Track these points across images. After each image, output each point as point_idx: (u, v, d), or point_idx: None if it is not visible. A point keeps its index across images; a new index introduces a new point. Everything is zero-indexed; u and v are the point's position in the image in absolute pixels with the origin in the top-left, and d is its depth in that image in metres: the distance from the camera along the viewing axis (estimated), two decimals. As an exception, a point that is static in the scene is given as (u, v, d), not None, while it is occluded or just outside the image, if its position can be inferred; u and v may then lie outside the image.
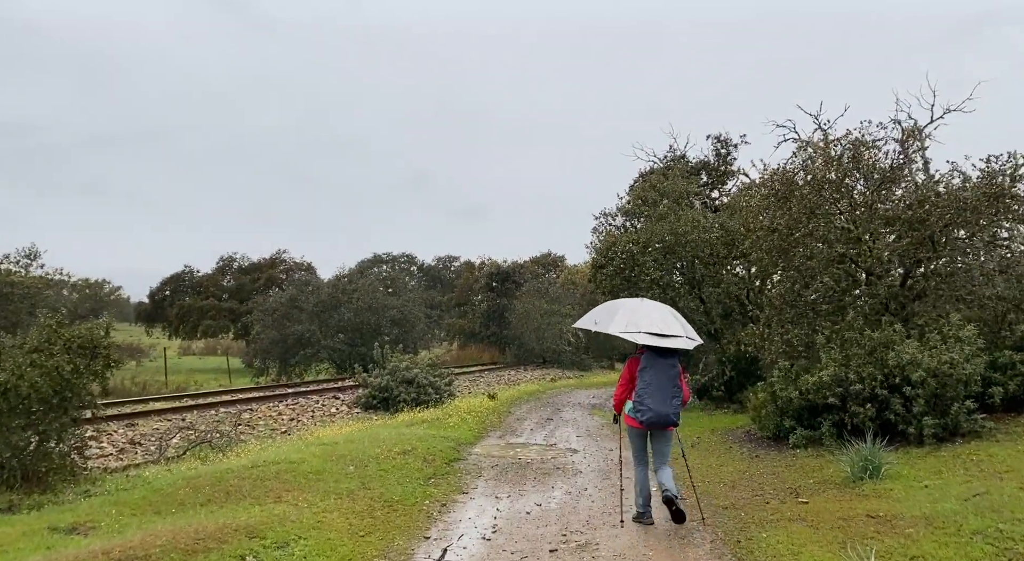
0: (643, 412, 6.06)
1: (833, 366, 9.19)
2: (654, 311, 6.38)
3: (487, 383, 22.49)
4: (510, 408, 14.68)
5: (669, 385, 6.08)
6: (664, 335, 6.03)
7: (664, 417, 6.06)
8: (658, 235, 15.11)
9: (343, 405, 14.87)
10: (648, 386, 6.06)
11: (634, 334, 6.07)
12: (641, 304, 6.61)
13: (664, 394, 6.06)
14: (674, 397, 6.10)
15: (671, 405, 6.08)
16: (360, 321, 22.85)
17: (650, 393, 6.05)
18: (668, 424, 6.15)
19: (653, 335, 6.01)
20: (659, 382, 6.06)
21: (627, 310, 6.45)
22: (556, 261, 51.74)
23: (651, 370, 6.08)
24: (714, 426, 12.39)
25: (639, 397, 6.11)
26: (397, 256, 66.61)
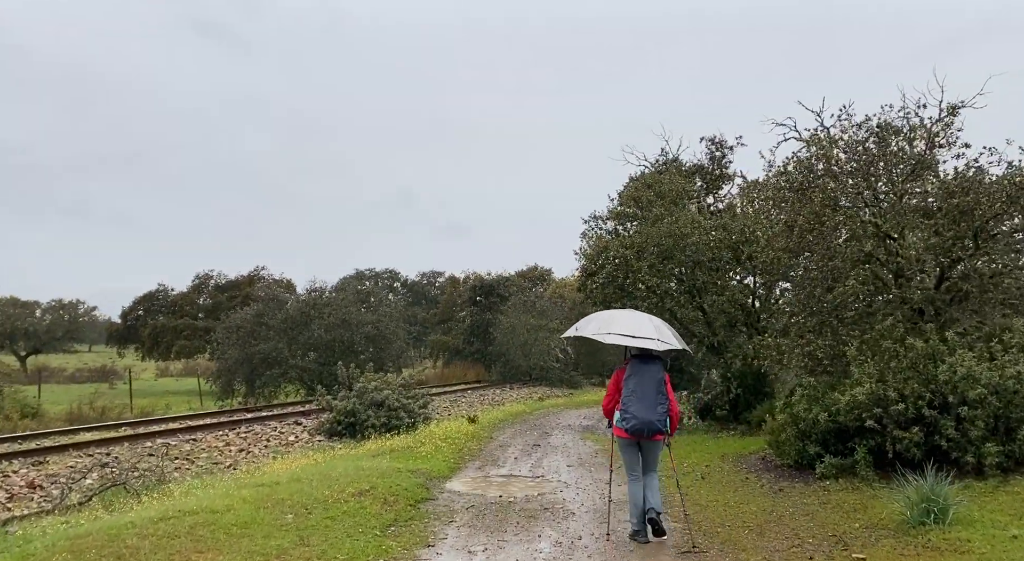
0: (628, 419, 6.11)
1: (868, 382, 7.87)
2: (630, 317, 6.68)
3: (469, 403, 21.03)
4: (492, 433, 13.24)
5: (653, 392, 6.14)
6: (634, 336, 6.18)
7: (649, 424, 6.08)
8: (654, 238, 13.83)
9: (304, 432, 13.38)
10: (632, 394, 6.14)
11: (604, 335, 6.37)
12: (620, 312, 7.23)
13: (649, 401, 6.11)
14: (659, 404, 6.14)
15: (656, 412, 6.11)
16: (332, 338, 21.36)
17: (634, 401, 6.11)
18: (654, 432, 6.16)
19: (623, 335, 6.21)
20: (643, 389, 6.13)
21: (605, 316, 6.88)
22: (543, 274, 50.43)
23: (635, 377, 6.19)
24: (723, 451, 11.03)
25: (624, 405, 6.17)
26: (380, 272, 65.22)
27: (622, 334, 6.28)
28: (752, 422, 13.57)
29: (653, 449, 6.34)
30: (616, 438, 6.43)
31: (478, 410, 19.38)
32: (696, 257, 13.90)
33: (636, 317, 6.69)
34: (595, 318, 6.93)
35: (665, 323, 6.86)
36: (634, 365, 6.28)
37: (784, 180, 9.91)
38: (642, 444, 6.27)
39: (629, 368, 6.30)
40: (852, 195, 9.23)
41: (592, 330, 6.60)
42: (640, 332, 6.27)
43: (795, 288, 10.25)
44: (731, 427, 14.08)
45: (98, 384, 40.49)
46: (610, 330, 6.41)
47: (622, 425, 6.20)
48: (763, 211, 10.33)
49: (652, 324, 6.51)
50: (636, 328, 6.32)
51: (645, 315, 6.90)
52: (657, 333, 6.34)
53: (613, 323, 6.54)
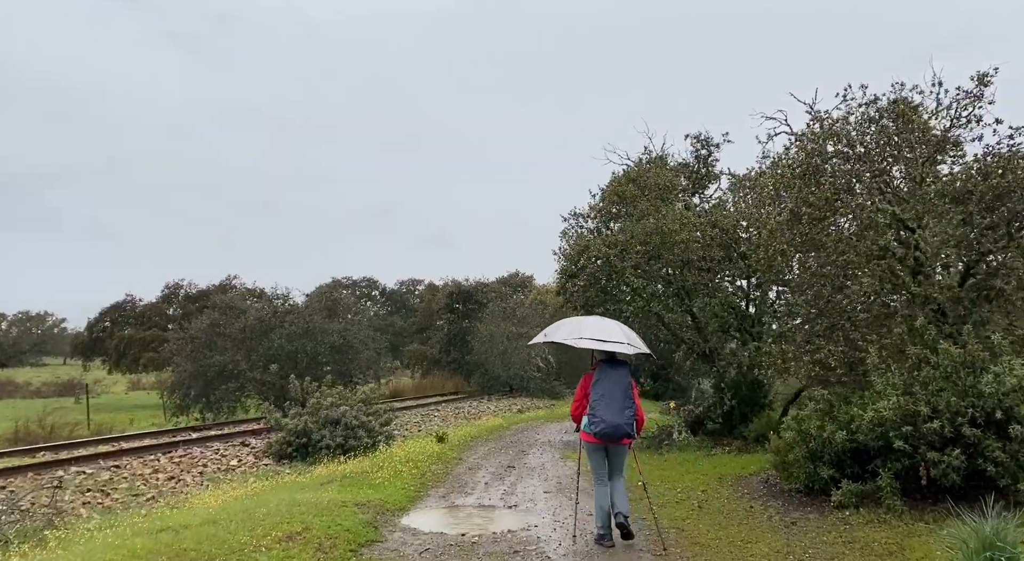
0: (596, 423, 6.24)
1: (894, 395, 6.74)
2: (599, 322, 6.84)
3: (443, 418, 19.73)
4: (463, 453, 11.98)
5: (621, 396, 6.29)
6: (605, 340, 6.37)
7: (617, 428, 6.22)
8: (639, 236, 12.69)
9: (250, 455, 12.03)
10: (601, 398, 6.28)
11: (575, 339, 6.50)
12: (588, 318, 7.32)
13: (616, 405, 6.25)
14: (626, 408, 6.28)
15: (624, 416, 6.24)
16: (294, 349, 19.97)
17: (603, 405, 6.26)
18: (622, 436, 6.30)
19: (594, 340, 6.37)
20: (611, 394, 6.27)
21: (574, 321, 7.11)
22: (525, 281, 49.19)
23: (603, 382, 6.34)
24: (720, 472, 9.87)
25: (592, 409, 6.30)
26: (357, 280, 63.70)
27: (593, 338, 6.43)
28: (749, 437, 12.45)
29: (620, 453, 6.51)
30: (584, 443, 6.59)
31: (452, 425, 18.11)
32: (685, 256, 12.78)
33: (604, 322, 6.88)
34: (564, 323, 7.11)
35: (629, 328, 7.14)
36: (602, 370, 6.43)
37: (788, 165, 8.79)
38: (609, 448, 6.44)
39: (597, 373, 6.43)
40: (868, 179, 8.13)
41: (562, 335, 6.75)
42: (610, 336, 6.44)
43: (798, 288, 9.12)
44: (725, 442, 12.95)
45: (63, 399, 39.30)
46: (581, 335, 6.53)
47: (591, 429, 6.33)
48: (762, 202, 9.19)
49: (620, 329, 6.72)
50: (606, 333, 6.49)
51: (612, 320, 7.13)
52: (625, 337, 6.55)
53: (583, 328, 6.68)
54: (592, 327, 6.66)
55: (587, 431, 6.39)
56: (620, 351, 6.44)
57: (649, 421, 19.15)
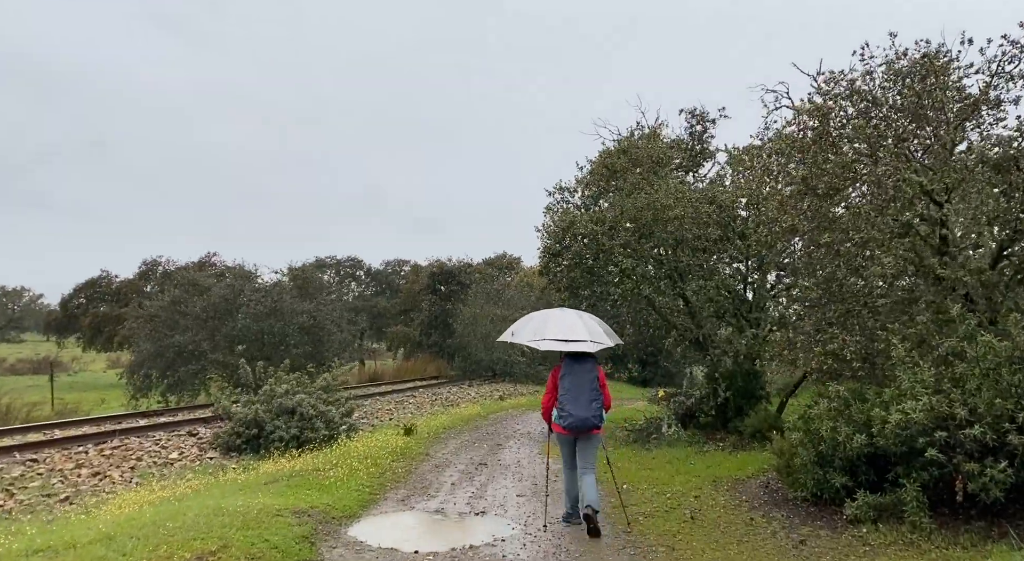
0: (565, 417, 6.45)
1: (925, 395, 5.77)
2: (563, 318, 6.92)
3: (418, 405, 18.73)
4: (431, 447, 10.98)
5: (588, 389, 6.46)
6: (568, 340, 6.51)
7: (585, 421, 6.41)
8: (629, 212, 11.67)
9: (195, 446, 10.97)
10: (568, 392, 6.47)
11: (538, 342, 6.69)
12: (551, 313, 7.24)
13: (584, 399, 6.44)
14: (593, 400, 6.45)
15: (591, 409, 6.44)
16: (260, 329, 18.86)
17: (570, 399, 6.45)
18: (590, 427, 6.48)
19: (556, 341, 6.53)
20: (578, 388, 6.46)
21: (539, 318, 7.09)
22: (512, 263, 48.14)
23: (570, 376, 6.51)
24: (714, 473, 8.92)
25: (561, 403, 6.51)
26: (342, 260, 62.51)
27: (556, 339, 6.58)
28: (745, 432, 11.52)
29: (590, 443, 6.65)
30: (556, 434, 6.79)
31: (426, 413, 17.12)
32: (679, 234, 11.77)
33: (568, 318, 6.95)
34: (530, 320, 7.17)
35: (596, 319, 7.26)
36: (568, 364, 6.58)
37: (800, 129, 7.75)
38: (579, 439, 6.61)
39: (564, 367, 6.59)
40: (891, 145, 7.11)
41: (527, 337, 6.89)
42: (573, 335, 6.58)
43: (807, 270, 8.12)
44: (719, 437, 12.03)
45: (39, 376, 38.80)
46: (544, 336, 6.68)
47: (560, 423, 6.56)
48: (769, 171, 8.16)
49: (583, 324, 6.80)
50: (569, 331, 6.63)
51: (575, 313, 7.20)
52: (589, 333, 6.68)
53: (547, 328, 6.77)
54: (555, 326, 6.76)
55: (557, 423, 6.64)
56: (583, 350, 6.54)
57: (636, 412, 18.21)
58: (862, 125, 6.99)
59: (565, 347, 6.55)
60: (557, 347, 6.60)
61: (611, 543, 6.16)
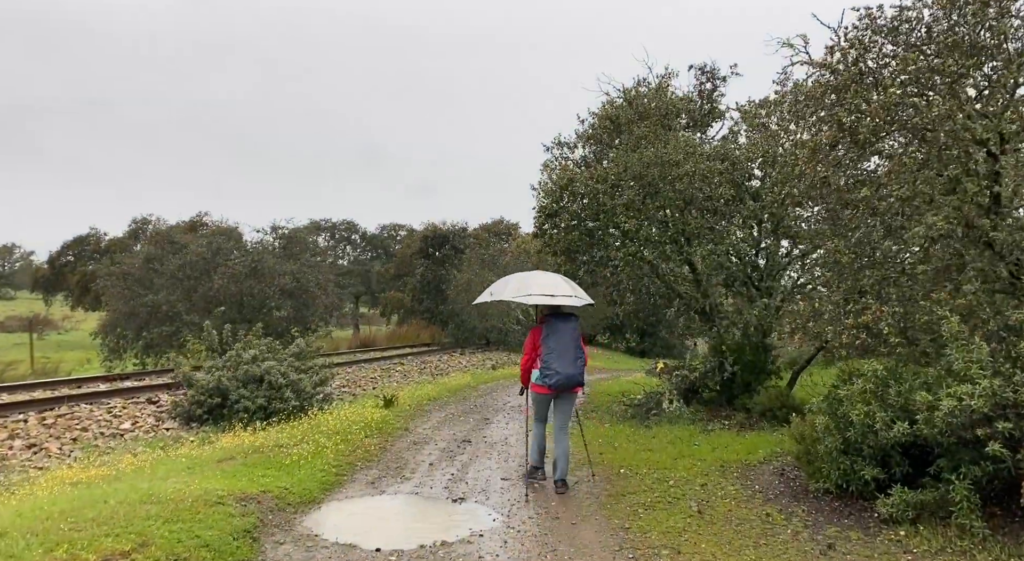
0: (550, 376, 6.55)
1: (985, 378, 4.87)
2: (544, 277, 7.16)
3: (404, 373, 17.90)
4: (411, 421, 10.14)
5: (572, 347, 6.61)
6: (554, 295, 6.66)
7: (571, 378, 6.59)
8: (634, 168, 10.66)
9: (152, 416, 10.12)
10: (552, 351, 6.57)
11: (524, 296, 6.81)
12: (531, 273, 7.48)
13: (569, 357, 6.57)
14: (578, 358, 6.64)
15: (576, 366, 6.62)
16: (240, 291, 17.93)
17: (556, 357, 6.55)
18: (575, 385, 6.68)
19: (543, 296, 6.66)
20: (563, 346, 6.57)
21: (519, 277, 7.19)
22: (510, 229, 47.07)
23: (554, 335, 6.61)
24: (722, 457, 8.08)
25: (546, 362, 6.58)
26: (337, 223, 61.49)
27: (543, 294, 6.66)
28: (753, 410, 10.70)
29: (570, 400, 6.82)
30: (533, 393, 6.81)
31: (412, 382, 16.30)
32: (688, 194, 10.79)
33: (549, 277, 7.11)
34: (511, 280, 7.15)
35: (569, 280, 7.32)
36: (550, 323, 6.67)
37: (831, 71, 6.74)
38: (560, 397, 6.74)
39: (546, 327, 6.66)
40: (940, 85, 6.12)
41: (511, 293, 6.87)
42: (558, 291, 6.70)
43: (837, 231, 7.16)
44: (724, 415, 11.21)
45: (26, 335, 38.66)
46: (530, 291, 6.75)
47: (544, 382, 6.60)
48: (800, 115, 7.17)
49: (565, 282, 6.95)
50: (554, 288, 6.74)
51: (556, 274, 7.40)
52: (572, 290, 6.82)
53: (531, 284, 6.85)
54: (539, 283, 6.85)
55: (539, 383, 6.66)
56: (569, 304, 6.70)
57: (634, 385, 17.41)
58: (911, 57, 5.98)
59: (552, 301, 6.67)
60: (544, 301, 6.70)
61: (607, 542, 5.32)
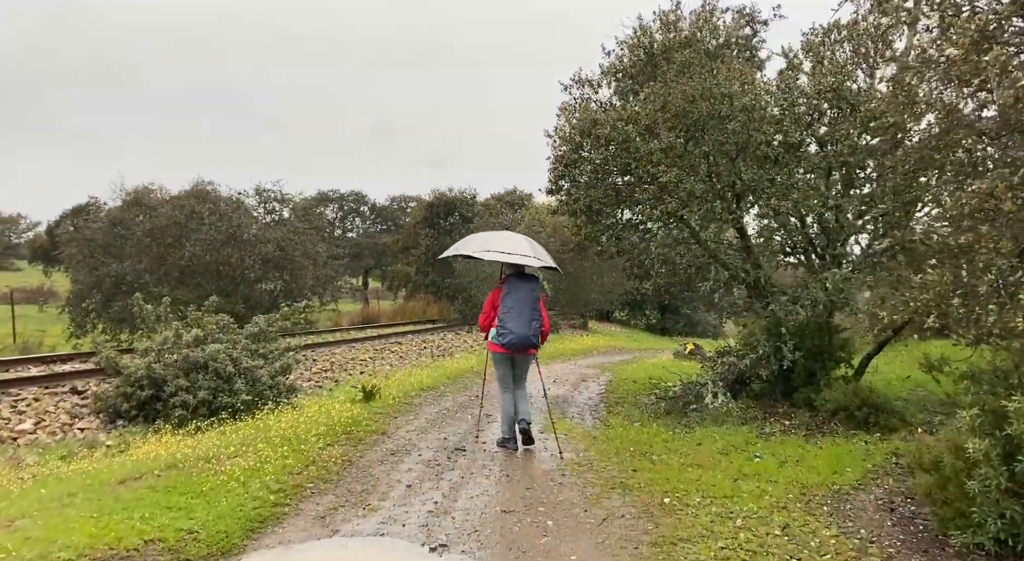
0: (504, 335, 6.65)
1: None
2: (509, 237, 7.17)
3: (401, 354, 16.00)
4: (392, 420, 8.22)
5: (528, 309, 6.72)
6: (512, 253, 6.77)
7: (524, 339, 6.67)
8: (675, 104, 8.56)
9: (67, 412, 8.21)
10: (510, 311, 6.68)
11: (483, 253, 6.92)
12: (499, 233, 7.47)
13: (524, 318, 6.68)
14: (533, 320, 6.73)
15: (531, 328, 6.70)
16: (215, 260, 16.05)
17: (511, 317, 6.66)
18: (528, 346, 6.76)
19: (502, 253, 6.77)
20: (520, 307, 6.69)
21: (484, 236, 7.43)
22: (523, 199, 44.94)
23: (512, 295, 6.74)
24: (797, 478, 6.11)
25: (501, 321, 6.70)
26: (345, 194, 59.73)
27: (501, 252, 6.79)
28: (820, 407, 8.70)
29: (525, 363, 6.98)
30: (491, 353, 6.93)
31: (408, 365, 14.42)
32: (744, 136, 8.68)
33: (514, 237, 7.20)
34: (474, 238, 7.41)
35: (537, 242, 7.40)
36: (511, 283, 6.82)
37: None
38: (516, 358, 6.86)
39: (506, 286, 6.82)
40: None
41: (472, 249, 7.05)
42: (518, 250, 6.82)
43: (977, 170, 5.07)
44: (781, 411, 9.25)
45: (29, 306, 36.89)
46: (489, 248, 6.91)
47: (498, 341, 6.71)
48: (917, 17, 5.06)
49: (528, 243, 7.07)
50: (515, 247, 6.87)
51: (520, 235, 7.31)
52: (533, 251, 6.95)
53: (492, 242, 7.01)
54: (502, 242, 6.94)
55: (495, 342, 6.74)
56: (528, 264, 6.76)
57: (662, 369, 15.45)
58: None
59: (509, 259, 6.72)
60: (502, 259, 6.76)
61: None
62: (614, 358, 18.83)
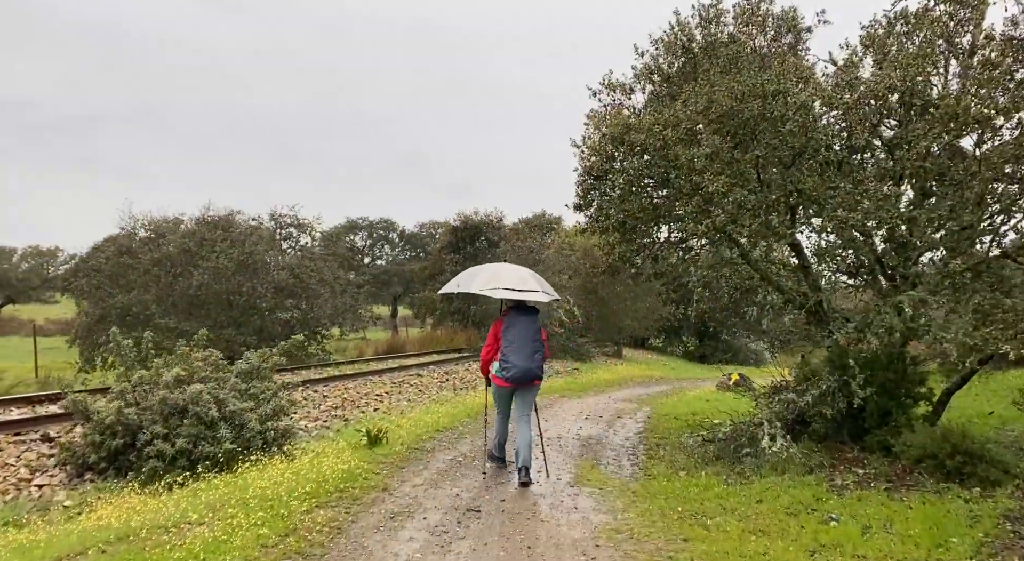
0: (508, 369, 6.71)
1: None
2: (513, 271, 7.21)
3: (420, 388, 14.97)
4: (398, 471, 7.15)
5: (531, 341, 6.77)
6: (521, 290, 6.82)
7: (528, 372, 6.75)
8: (722, 103, 7.49)
9: (27, 465, 7.24)
10: (511, 344, 6.74)
11: (492, 290, 6.89)
12: (501, 265, 7.64)
13: (527, 350, 6.73)
14: (536, 352, 6.79)
15: (534, 360, 6.77)
16: (226, 289, 15.26)
17: (514, 350, 6.71)
18: (532, 378, 6.83)
19: (509, 290, 6.79)
20: (522, 339, 6.74)
21: (489, 271, 7.32)
22: (552, 223, 43.92)
23: (514, 328, 6.80)
24: (883, 549, 4.92)
25: (504, 355, 6.74)
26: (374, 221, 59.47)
27: (508, 288, 6.79)
28: (902, 455, 7.43)
29: (530, 392, 6.98)
30: (495, 387, 7.01)
31: (427, 400, 13.37)
32: (802, 139, 7.57)
33: (519, 271, 7.22)
34: (480, 272, 7.35)
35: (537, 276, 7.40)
36: (512, 317, 6.88)
37: None
38: (519, 390, 6.88)
39: (507, 320, 6.87)
40: None
41: (478, 285, 6.97)
42: (525, 285, 6.86)
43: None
44: (850, 457, 7.99)
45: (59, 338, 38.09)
46: (498, 285, 6.87)
47: (502, 375, 6.76)
48: None
49: (533, 277, 7.14)
50: (521, 283, 6.89)
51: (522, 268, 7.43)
52: (539, 285, 7.02)
53: (499, 279, 6.95)
54: (507, 276, 6.95)
55: (499, 376, 6.81)
56: (534, 300, 6.85)
57: (704, 402, 14.21)
58: None
59: (519, 296, 6.75)
60: (510, 295, 6.75)
61: None
62: (651, 389, 17.59)
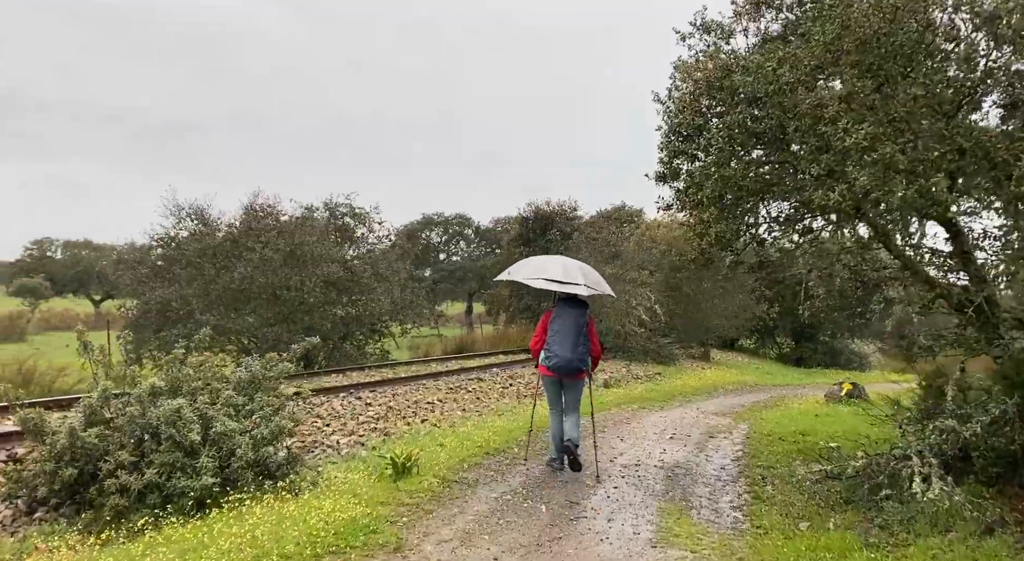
0: (550, 358, 6.85)
1: None
2: (558, 263, 7.28)
3: (478, 394, 13.36)
4: (420, 520, 5.50)
5: (576, 333, 6.84)
6: (563, 282, 6.89)
7: (570, 362, 6.79)
8: (862, 25, 5.53)
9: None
10: (556, 334, 6.88)
11: (535, 280, 7.08)
12: (550, 258, 7.66)
13: (569, 342, 6.81)
14: (580, 345, 6.84)
15: (577, 352, 6.83)
16: (272, 283, 14.11)
17: (558, 341, 6.85)
18: (574, 370, 6.89)
19: (552, 281, 6.92)
20: (566, 331, 6.85)
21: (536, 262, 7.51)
22: (632, 215, 41.63)
23: (560, 319, 6.94)
24: None
25: (548, 345, 6.91)
26: (450, 217, 58.70)
27: (551, 279, 6.93)
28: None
29: (574, 388, 7.08)
30: (541, 376, 7.20)
31: (485, 409, 11.78)
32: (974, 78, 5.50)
33: (566, 262, 7.32)
34: (528, 263, 7.52)
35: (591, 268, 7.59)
36: (560, 308, 7.02)
37: None
38: (564, 382, 7.02)
39: (556, 310, 7.03)
40: None
41: (524, 275, 7.21)
42: (569, 278, 6.95)
43: None
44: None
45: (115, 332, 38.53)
46: (541, 276, 7.04)
47: (546, 363, 6.95)
48: None
49: (580, 270, 7.17)
50: (565, 274, 6.98)
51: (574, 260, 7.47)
52: (584, 279, 7.06)
53: (545, 269, 7.12)
54: (553, 268, 7.07)
55: (544, 365, 6.98)
56: (576, 292, 6.90)
57: (814, 418, 12.06)
58: None
59: (558, 288, 6.86)
60: (552, 287, 6.89)
61: None
62: (746, 399, 15.48)
